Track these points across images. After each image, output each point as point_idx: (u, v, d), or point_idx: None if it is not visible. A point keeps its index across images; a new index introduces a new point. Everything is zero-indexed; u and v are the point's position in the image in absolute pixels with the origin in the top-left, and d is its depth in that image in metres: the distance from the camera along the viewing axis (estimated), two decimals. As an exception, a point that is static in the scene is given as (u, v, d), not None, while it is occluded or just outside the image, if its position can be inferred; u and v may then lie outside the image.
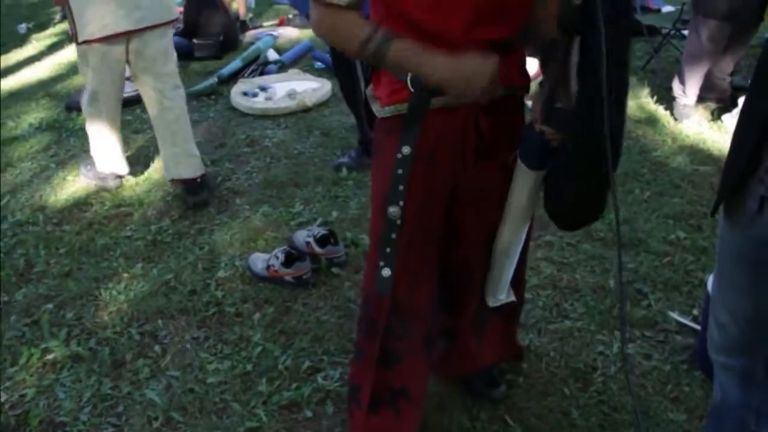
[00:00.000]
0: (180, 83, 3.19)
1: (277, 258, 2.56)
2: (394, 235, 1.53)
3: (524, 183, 1.58)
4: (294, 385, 2.11)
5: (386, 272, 1.56)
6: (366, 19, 1.40)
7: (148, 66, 3.03)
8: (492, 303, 1.83)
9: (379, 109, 1.53)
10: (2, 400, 2.15)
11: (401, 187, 1.49)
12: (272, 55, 5.04)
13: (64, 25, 6.80)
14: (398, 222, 1.52)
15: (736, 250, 1.26)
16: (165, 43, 3.06)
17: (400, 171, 1.49)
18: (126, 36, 2.93)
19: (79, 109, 4.23)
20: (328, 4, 1.35)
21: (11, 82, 5.11)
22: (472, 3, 1.37)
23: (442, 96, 1.43)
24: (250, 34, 5.80)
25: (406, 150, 1.47)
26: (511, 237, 1.68)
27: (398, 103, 1.48)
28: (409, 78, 1.41)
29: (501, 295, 1.80)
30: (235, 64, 4.85)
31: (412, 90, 1.42)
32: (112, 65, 3.01)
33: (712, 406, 1.53)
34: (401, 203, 1.50)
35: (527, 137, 1.54)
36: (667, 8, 5.39)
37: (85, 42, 2.89)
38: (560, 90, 1.43)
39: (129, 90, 4.42)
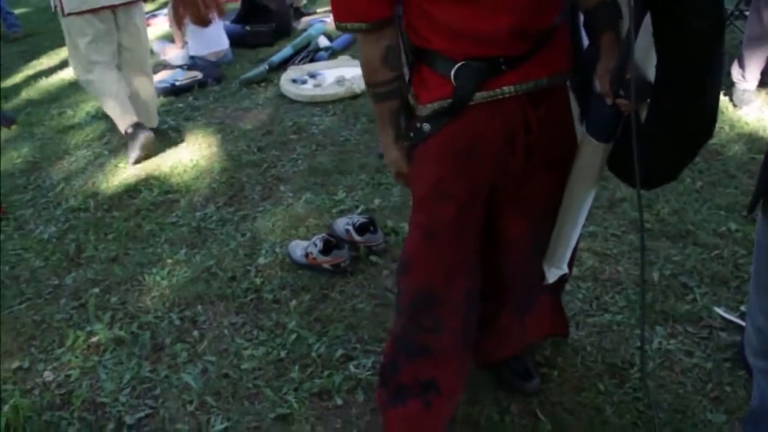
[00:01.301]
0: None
1: (316, 245, 2.57)
2: None
3: (592, 156, 1.55)
4: (326, 373, 2.12)
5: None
6: (392, 67, 1.51)
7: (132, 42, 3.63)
8: (551, 277, 1.81)
9: (420, 108, 1.52)
10: (50, 379, 2.24)
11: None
12: (323, 41, 5.05)
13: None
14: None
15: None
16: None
17: (411, 134, 1.55)
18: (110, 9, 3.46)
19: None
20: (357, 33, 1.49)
21: (71, 73, 5.26)
22: (516, 8, 1.36)
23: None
24: (303, 21, 5.83)
25: (426, 127, 1.50)
26: (577, 209, 1.67)
27: (440, 100, 1.47)
28: (453, 71, 1.42)
29: (563, 265, 1.79)
30: (286, 51, 4.89)
31: (454, 84, 1.43)
32: (101, 34, 3.49)
33: (749, 410, 1.47)
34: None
35: (597, 112, 1.49)
36: (731, -12, 5.15)
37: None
38: (626, 57, 1.35)
39: (182, 78, 4.53)
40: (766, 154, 1.19)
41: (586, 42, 1.60)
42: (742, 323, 2.13)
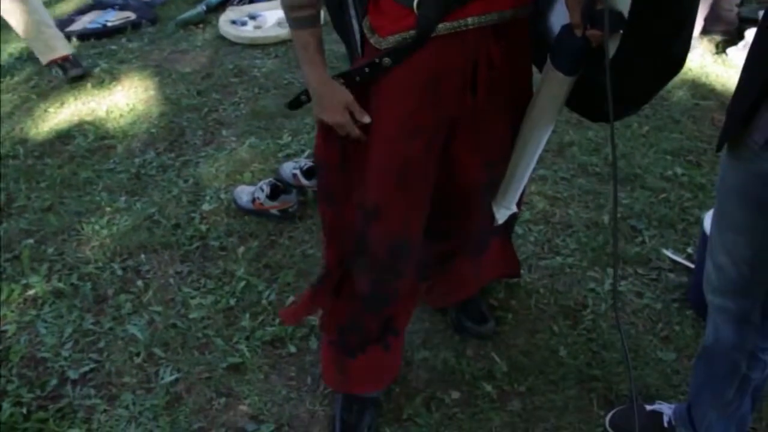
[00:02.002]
0: None
1: (263, 190, 2.49)
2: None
3: (555, 90, 1.49)
4: (278, 321, 2.08)
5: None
6: None
7: None
8: (501, 218, 1.76)
9: (379, 40, 1.40)
10: (-17, 334, 2.13)
11: (358, 78, 1.43)
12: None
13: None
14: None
15: (738, 188, 1.19)
16: None
17: (367, 69, 1.41)
18: None
19: (66, 37, 4.12)
20: None
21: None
22: None
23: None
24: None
25: (386, 61, 1.38)
26: (532, 146, 1.62)
27: (402, 31, 1.37)
28: (416, 2, 1.32)
29: (512, 205, 1.75)
30: (224, -9, 4.67)
31: (417, 13, 1.33)
32: None
33: (703, 346, 1.49)
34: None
35: (565, 44, 1.43)
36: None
37: None
38: None
39: (113, 18, 4.29)
40: (736, 92, 1.17)
41: None
42: (690, 265, 2.18)
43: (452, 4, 1.34)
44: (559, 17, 1.54)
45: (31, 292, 2.27)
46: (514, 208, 1.78)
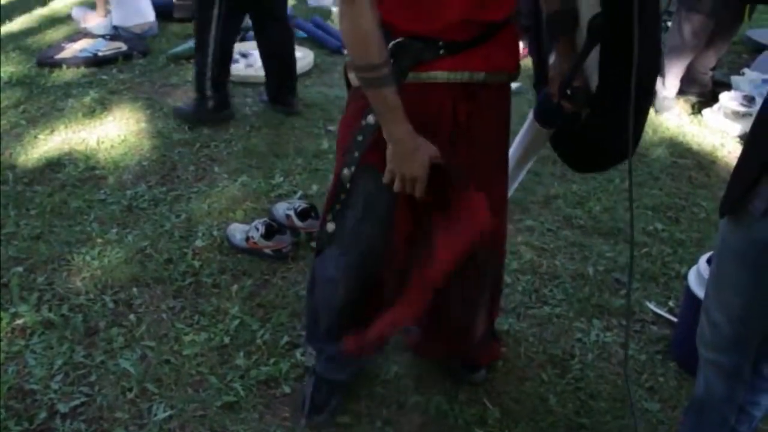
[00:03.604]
0: None
1: (257, 230, 2.52)
2: (343, 195, 1.59)
3: (535, 134, 1.75)
4: (272, 360, 2.09)
5: (330, 227, 1.64)
6: (385, 45, 1.35)
7: None
8: None
9: (354, 78, 1.49)
10: (-31, 363, 2.10)
11: (356, 154, 1.52)
12: (254, 21, 4.93)
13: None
14: (347, 185, 1.56)
15: (738, 251, 1.27)
16: None
17: (360, 138, 1.50)
18: None
19: (51, 65, 4.13)
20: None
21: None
22: None
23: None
24: (230, -2, 5.66)
25: (371, 119, 1.47)
26: (514, 173, 1.86)
27: None
28: (390, 46, 1.39)
29: None
30: (215, 28, 4.73)
31: (391, 60, 1.38)
32: None
33: (693, 399, 1.55)
34: (353, 168, 1.54)
35: (545, 104, 1.69)
36: (651, -2, 5.40)
37: None
38: (576, 70, 1.52)
39: (104, 49, 4.32)
40: (740, 161, 1.26)
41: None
42: (673, 318, 2.26)
43: (424, 55, 1.43)
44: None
45: (19, 321, 2.25)
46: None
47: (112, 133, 3.43)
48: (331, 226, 1.66)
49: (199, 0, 3.32)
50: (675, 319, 2.23)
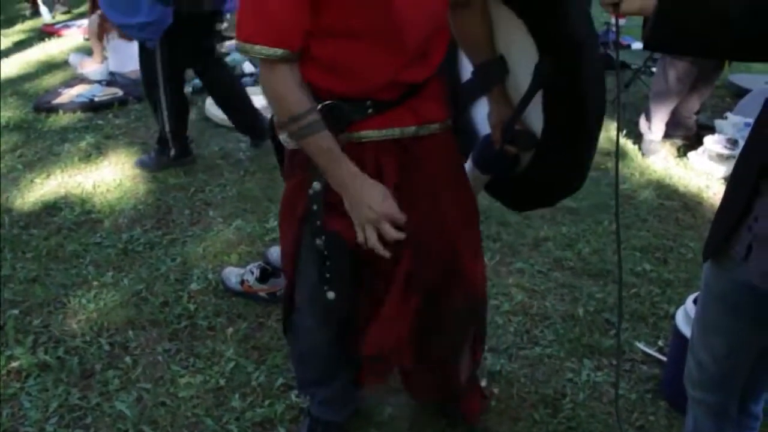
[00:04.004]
0: None
1: (252, 273, 2.56)
2: (328, 262, 1.54)
3: (475, 181, 1.75)
4: (267, 402, 2.11)
5: (331, 295, 1.58)
6: (306, 96, 1.37)
7: None
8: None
9: (286, 140, 1.50)
10: (-36, 407, 2.10)
11: (319, 222, 1.50)
12: (248, 67, 5.04)
13: (34, 22, 6.71)
14: (326, 253, 1.52)
15: (720, 294, 1.32)
16: None
17: (315, 207, 1.49)
18: None
19: (48, 110, 4.19)
20: (264, 60, 1.33)
21: (-23, 79, 5.00)
22: (401, 51, 1.39)
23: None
24: (226, 45, 5.77)
25: (317, 186, 1.47)
26: None
27: None
28: (318, 108, 1.39)
29: None
30: (210, 74, 4.82)
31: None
32: None
33: (682, 437, 1.58)
34: (323, 237, 1.50)
35: (484, 152, 1.71)
36: (636, 44, 5.57)
37: None
38: (519, 114, 1.58)
39: (100, 94, 4.39)
40: (720, 208, 1.31)
41: None
42: (662, 357, 2.29)
43: (353, 116, 1.44)
44: (481, 113, 1.80)
45: (15, 363, 2.26)
46: None
47: (108, 177, 3.48)
48: (332, 294, 1.58)
49: (142, 63, 3.40)
50: (664, 359, 2.27)
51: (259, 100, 4.35)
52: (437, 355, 1.83)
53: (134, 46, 4.72)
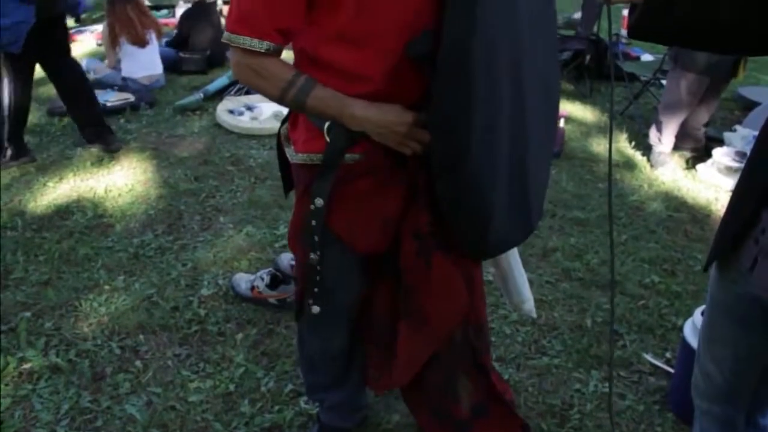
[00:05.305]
0: None
1: (262, 279, 2.58)
2: (318, 278, 1.56)
3: None
4: (276, 408, 2.12)
5: (315, 309, 1.60)
6: (287, 65, 1.35)
7: None
8: (528, 310, 1.90)
9: (293, 154, 1.50)
10: (-24, 408, 2.12)
11: (316, 238, 1.50)
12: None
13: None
14: (318, 268, 1.54)
15: (726, 305, 1.32)
16: None
17: (313, 222, 1.48)
18: None
19: (61, 114, 4.23)
20: (246, 51, 1.30)
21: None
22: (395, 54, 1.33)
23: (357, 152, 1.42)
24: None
25: (319, 202, 1.45)
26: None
27: (311, 153, 1.44)
28: (326, 126, 1.38)
29: (525, 296, 1.90)
30: (222, 81, 4.87)
31: (327, 140, 1.39)
32: None
33: (690, 449, 1.59)
34: (318, 252, 1.51)
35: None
36: (646, 56, 5.58)
37: None
38: None
39: (113, 99, 4.43)
40: (723, 220, 1.32)
41: None
42: (669, 369, 2.30)
43: (361, 134, 1.39)
44: None
45: (27, 366, 2.28)
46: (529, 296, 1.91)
47: (120, 182, 3.51)
48: (316, 309, 1.62)
49: None
50: (672, 370, 2.27)
51: (269, 107, 4.41)
52: (432, 380, 1.77)
53: (147, 52, 4.79)
